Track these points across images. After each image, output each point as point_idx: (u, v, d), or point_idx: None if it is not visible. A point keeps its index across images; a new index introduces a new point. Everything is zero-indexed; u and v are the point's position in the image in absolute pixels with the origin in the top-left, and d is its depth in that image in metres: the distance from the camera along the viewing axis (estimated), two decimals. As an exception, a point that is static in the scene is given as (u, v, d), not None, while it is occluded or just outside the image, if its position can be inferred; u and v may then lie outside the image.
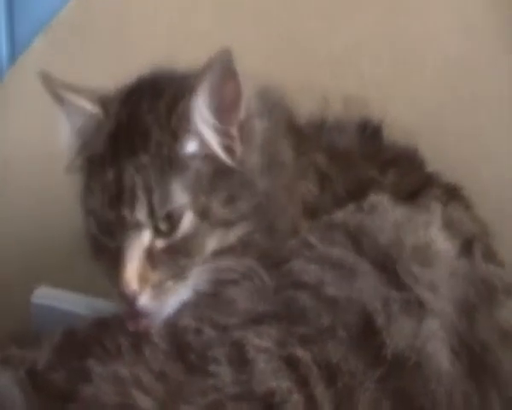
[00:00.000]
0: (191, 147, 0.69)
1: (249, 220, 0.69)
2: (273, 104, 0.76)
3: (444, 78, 0.96)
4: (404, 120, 0.92)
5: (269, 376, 0.57)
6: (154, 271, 0.67)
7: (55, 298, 0.93)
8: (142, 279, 0.66)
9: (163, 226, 0.68)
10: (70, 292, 0.91)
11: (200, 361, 0.61)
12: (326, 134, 0.80)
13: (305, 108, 0.96)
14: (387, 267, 0.62)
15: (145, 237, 0.68)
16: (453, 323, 0.61)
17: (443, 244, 0.65)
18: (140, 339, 0.64)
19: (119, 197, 0.68)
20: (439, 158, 0.87)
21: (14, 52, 1.21)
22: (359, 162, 0.76)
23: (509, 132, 0.93)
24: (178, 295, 0.68)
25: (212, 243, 0.68)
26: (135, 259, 0.67)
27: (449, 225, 0.67)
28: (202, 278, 0.67)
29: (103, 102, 0.75)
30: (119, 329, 0.67)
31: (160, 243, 0.68)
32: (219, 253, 0.68)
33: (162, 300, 0.67)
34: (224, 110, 0.69)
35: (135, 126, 0.70)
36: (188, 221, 0.67)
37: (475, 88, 0.94)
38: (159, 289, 0.67)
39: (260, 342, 0.59)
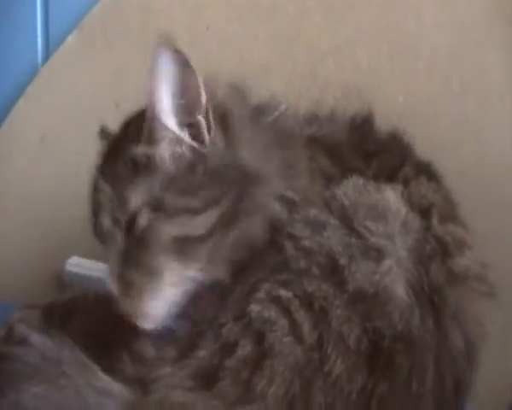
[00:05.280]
0: (155, 149, 0.74)
1: (219, 206, 0.73)
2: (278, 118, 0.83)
3: (435, 69, 1.04)
4: (398, 109, 1.04)
5: (261, 312, 0.69)
6: (131, 273, 0.74)
7: (84, 266, 1.05)
8: (123, 283, 0.74)
9: (129, 229, 0.74)
10: (97, 261, 1.01)
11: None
12: (319, 127, 0.87)
13: (309, 95, 1.07)
14: (348, 224, 0.73)
15: (118, 242, 0.75)
16: (408, 265, 0.72)
17: (395, 203, 0.74)
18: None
19: (95, 207, 0.78)
20: (430, 143, 0.94)
21: (49, 48, 1.29)
22: (348, 154, 0.84)
23: (494, 119, 1.02)
24: (164, 295, 0.74)
25: (169, 230, 0.73)
26: (112, 267, 0.75)
27: (406, 197, 0.77)
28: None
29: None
30: None
31: (129, 245, 0.74)
32: (185, 241, 0.73)
33: (145, 300, 0.73)
34: (185, 101, 0.74)
35: (116, 147, 0.79)
36: (143, 218, 0.73)
37: (464, 78, 1.03)
38: (135, 290, 0.73)
39: (256, 295, 0.71)
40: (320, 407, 0.67)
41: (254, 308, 0.70)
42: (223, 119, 0.77)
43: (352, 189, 0.76)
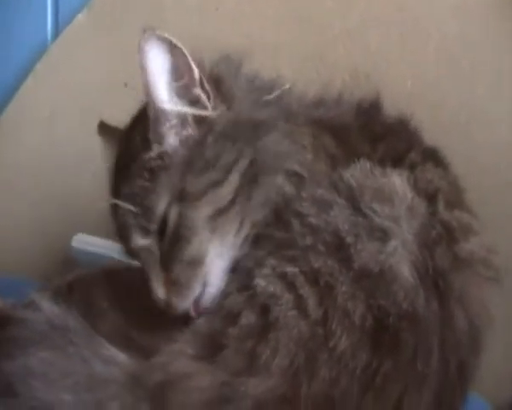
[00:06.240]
0: (165, 143, 0.76)
1: (238, 166, 0.75)
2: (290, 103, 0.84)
3: (444, 53, 1.04)
4: (406, 92, 1.04)
5: (267, 287, 0.70)
6: (171, 272, 0.76)
7: (90, 243, 1.07)
8: (167, 286, 0.75)
9: (162, 234, 0.75)
10: (103, 239, 1.04)
11: None
12: (327, 110, 0.87)
13: (318, 78, 1.07)
14: (355, 205, 0.73)
15: (153, 251, 0.76)
16: (413, 248, 0.71)
17: (401, 188, 0.74)
18: None
19: (121, 230, 0.79)
20: (439, 126, 0.95)
21: (58, 26, 1.30)
22: (354, 137, 0.84)
23: (504, 101, 1.02)
24: (210, 277, 0.75)
25: (199, 213, 0.75)
26: (154, 275, 0.76)
27: (412, 183, 0.76)
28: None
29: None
30: None
31: (165, 248, 0.76)
32: (218, 214, 0.75)
33: (192, 290, 0.75)
34: (180, 81, 0.76)
35: (125, 162, 0.79)
36: (172, 214, 0.75)
37: (474, 61, 1.03)
38: (182, 285, 0.75)
39: (262, 270, 0.71)
40: (324, 381, 0.67)
41: (260, 283, 0.70)
42: (217, 85, 0.80)
43: (359, 172, 0.76)
